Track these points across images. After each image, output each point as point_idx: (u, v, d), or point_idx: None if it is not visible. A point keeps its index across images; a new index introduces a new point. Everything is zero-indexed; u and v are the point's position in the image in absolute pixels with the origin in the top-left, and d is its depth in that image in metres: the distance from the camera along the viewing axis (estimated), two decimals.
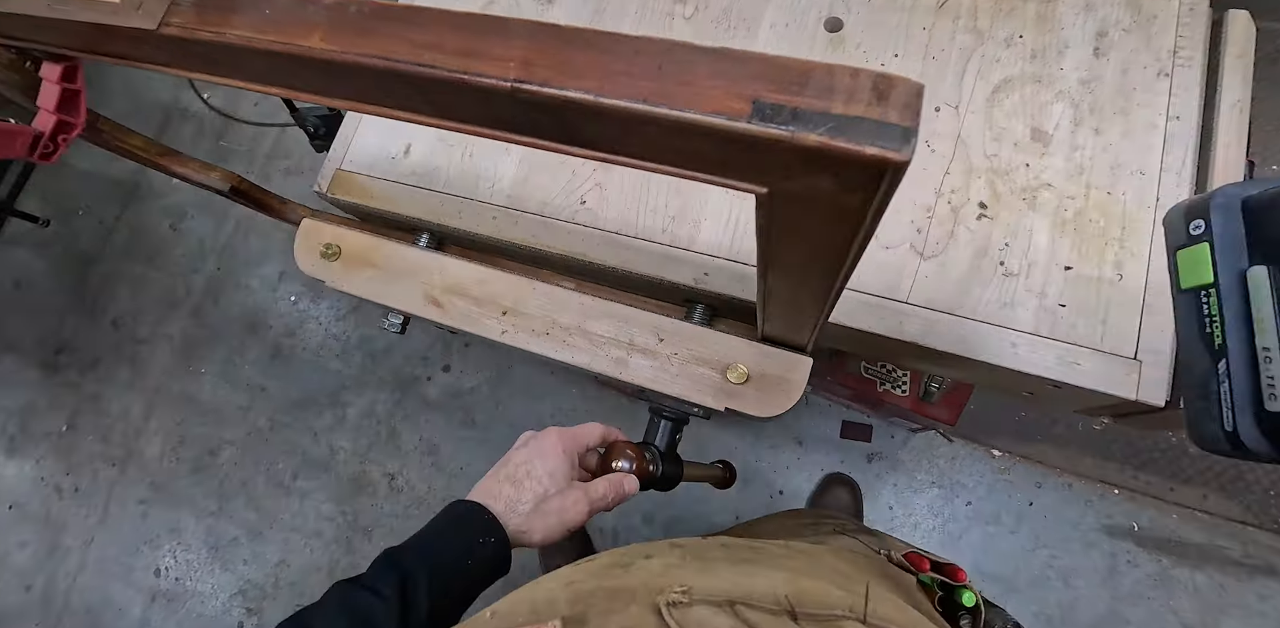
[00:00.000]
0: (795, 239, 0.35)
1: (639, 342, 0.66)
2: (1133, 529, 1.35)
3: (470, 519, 0.51)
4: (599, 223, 0.68)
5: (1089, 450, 1.38)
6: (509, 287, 0.69)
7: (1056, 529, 1.38)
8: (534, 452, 0.57)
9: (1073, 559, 1.36)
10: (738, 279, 0.64)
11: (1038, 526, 1.38)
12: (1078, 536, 1.37)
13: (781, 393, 0.63)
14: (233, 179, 0.81)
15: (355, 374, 1.75)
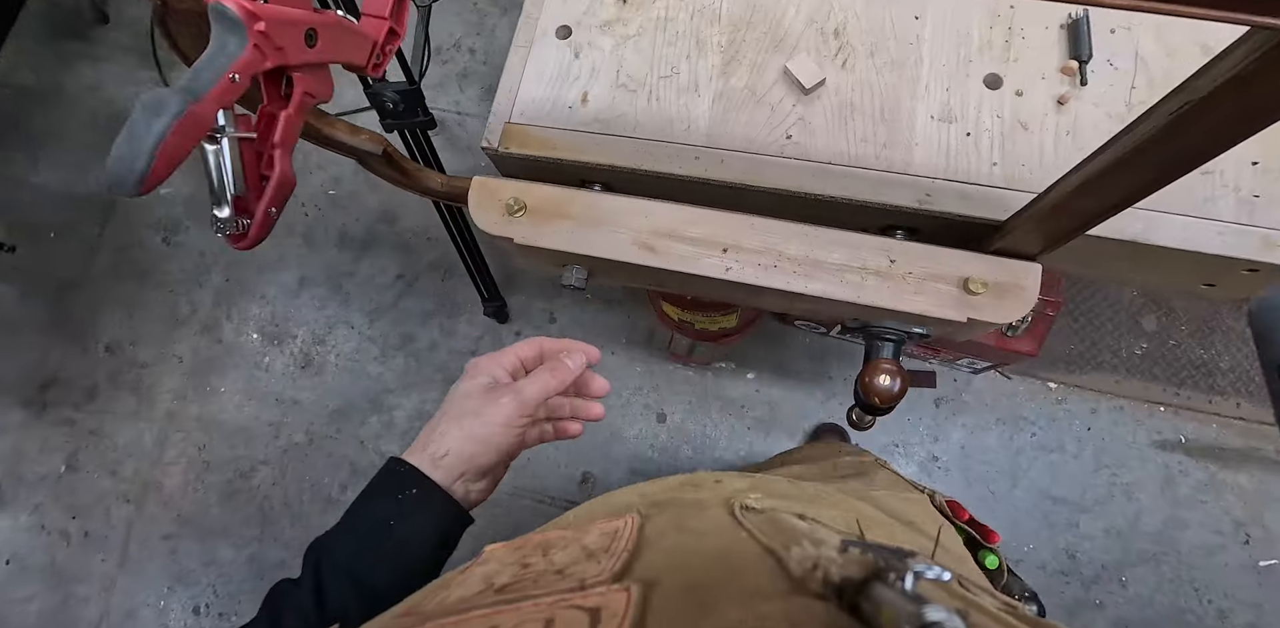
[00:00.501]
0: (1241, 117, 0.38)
1: (871, 265, 0.67)
2: (1181, 442, 1.48)
3: (385, 478, 0.45)
4: (809, 155, 0.69)
5: (1134, 374, 1.49)
6: (724, 225, 0.69)
7: (1114, 449, 1.48)
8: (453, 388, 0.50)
9: (1132, 475, 1.47)
10: (960, 198, 0.67)
11: (1097, 448, 1.49)
12: (1134, 453, 1.48)
13: (1017, 300, 0.66)
14: (381, 142, 0.78)
15: (398, 376, 1.67)
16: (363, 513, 0.44)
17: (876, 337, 0.71)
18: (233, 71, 0.32)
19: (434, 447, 0.45)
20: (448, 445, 0.44)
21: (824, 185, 0.68)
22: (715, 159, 0.70)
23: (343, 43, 0.39)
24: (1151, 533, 1.45)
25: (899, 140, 0.69)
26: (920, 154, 0.68)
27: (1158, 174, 0.47)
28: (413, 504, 0.43)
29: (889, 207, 0.68)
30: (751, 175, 0.69)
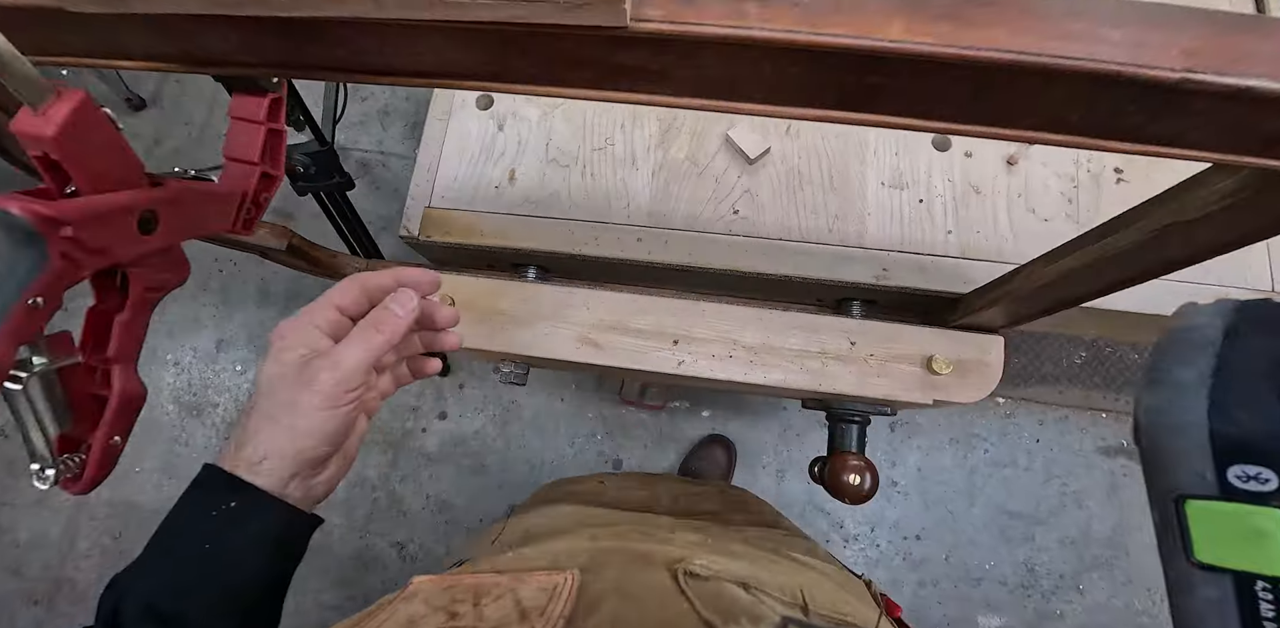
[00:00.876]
0: (1222, 230, 0.35)
1: (831, 348, 0.63)
2: (1123, 446, 1.52)
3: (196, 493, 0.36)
4: (758, 231, 0.65)
5: (1076, 383, 1.53)
6: (673, 313, 0.64)
7: (1062, 459, 1.51)
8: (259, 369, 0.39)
9: (1080, 483, 1.51)
10: (918, 270, 0.64)
11: (1047, 459, 1.51)
12: (1081, 461, 1.51)
13: (981, 377, 0.64)
14: (286, 235, 0.70)
15: None
16: (171, 538, 0.35)
17: (840, 419, 0.67)
18: (32, 295, 0.25)
19: (249, 450, 0.35)
20: (264, 448, 0.35)
21: (777, 264, 0.64)
22: (659, 240, 0.65)
23: (196, 214, 0.31)
24: (1103, 539, 1.49)
25: (851, 211, 0.65)
26: (874, 224, 0.65)
27: (1134, 276, 0.44)
28: (232, 519, 0.34)
29: (845, 283, 0.64)
30: (699, 257, 0.65)
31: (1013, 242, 0.64)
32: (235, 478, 0.34)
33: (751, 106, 0.29)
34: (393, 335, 0.37)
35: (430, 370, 0.46)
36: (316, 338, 0.37)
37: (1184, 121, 0.27)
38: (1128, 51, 0.23)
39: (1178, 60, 0.24)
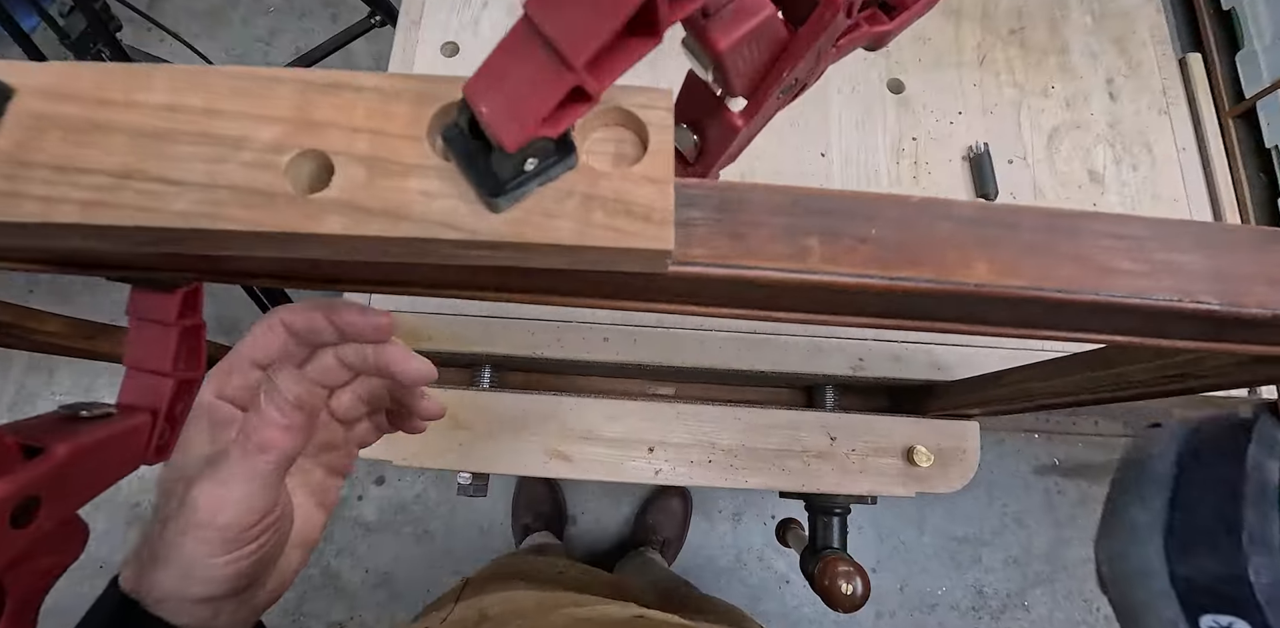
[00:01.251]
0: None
1: (812, 446, 0.61)
2: (1055, 464, 1.59)
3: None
4: (730, 326, 0.62)
5: None
6: (646, 417, 0.60)
7: (1001, 480, 1.57)
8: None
9: (1019, 503, 1.57)
10: (893, 360, 0.62)
11: (988, 482, 1.56)
12: (1018, 481, 1.57)
13: (962, 464, 0.63)
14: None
15: None
16: None
17: (821, 512, 0.65)
18: None
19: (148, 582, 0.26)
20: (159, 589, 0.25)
21: (753, 360, 0.61)
22: (627, 339, 0.61)
23: (93, 471, 0.24)
24: (1042, 555, 1.55)
25: None
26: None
27: (1128, 398, 0.43)
28: None
29: (822, 376, 0.62)
30: (670, 355, 0.61)
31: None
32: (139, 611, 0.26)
33: (788, 315, 0.25)
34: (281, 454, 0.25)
35: (419, 428, 0.34)
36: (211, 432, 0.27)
37: (1241, 333, 0.25)
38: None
39: (1264, 294, 0.22)
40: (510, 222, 0.17)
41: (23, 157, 0.18)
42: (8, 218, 0.17)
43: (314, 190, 0.17)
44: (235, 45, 1.82)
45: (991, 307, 0.23)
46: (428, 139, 0.18)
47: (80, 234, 0.18)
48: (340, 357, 0.28)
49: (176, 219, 0.17)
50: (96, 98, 0.18)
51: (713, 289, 0.23)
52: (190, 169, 0.17)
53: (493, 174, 0.17)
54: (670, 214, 0.18)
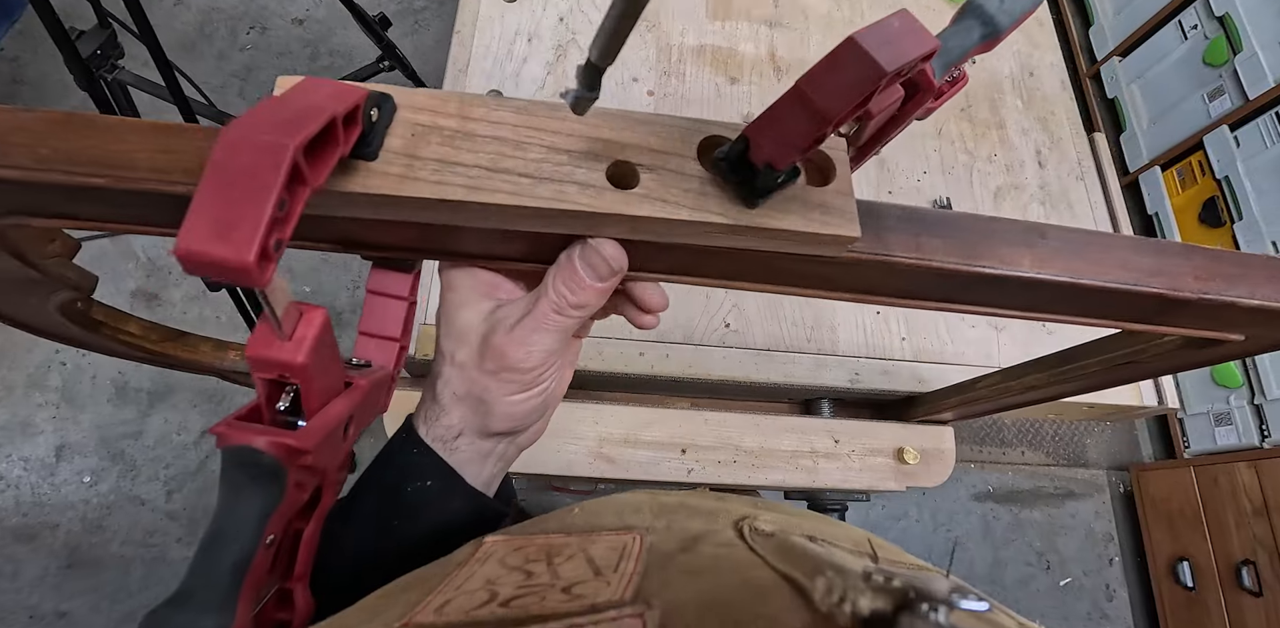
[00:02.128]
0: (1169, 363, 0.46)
1: (819, 447, 0.70)
2: (989, 492, 1.74)
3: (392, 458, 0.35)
4: (749, 343, 0.71)
5: None
6: (680, 423, 0.68)
7: (945, 508, 1.70)
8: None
9: (960, 528, 1.69)
10: (883, 374, 0.73)
11: (933, 509, 1.69)
12: (959, 507, 1.71)
13: (940, 462, 0.73)
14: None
15: None
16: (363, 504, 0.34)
17: (824, 509, 0.74)
18: (269, 535, 0.23)
19: (444, 422, 0.34)
20: (459, 426, 0.34)
21: (768, 373, 0.70)
22: (660, 354, 0.69)
23: (370, 406, 0.31)
24: (983, 576, 1.67)
25: (824, 322, 0.74)
26: (843, 334, 0.74)
27: (1083, 389, 0.55)
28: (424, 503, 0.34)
29: (825, 388, 0.72)
30: (698, 369, 0.69)
31: (951, 345, 0.76)
32: (434, 458, 0.34)
33: (880, 299, 0.35)
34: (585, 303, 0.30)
35: (649, 323, 0.36)
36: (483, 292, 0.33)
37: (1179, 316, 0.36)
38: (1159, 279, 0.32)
39: (1193, 284, 0.33)
40: (760, 214, 0.26)
41: (414, 152, 0.26)
42: (409, 193, 0.25)
43: (627, 187, 0.26)
44: (209, 79, 1.84)
45: (1028, 291, 0.34)
46: (699, 158, 0.27)
47: (451, 209, 0.26)
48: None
49: (539, 200, 0.25)
50: (461, 115, 0.26)
51: (839, 277, 0.33)
52: (540, 168, 0.26)
53: (753, 184, 0.26)
54: (856, 215, 0.27)
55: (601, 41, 0.22)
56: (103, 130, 0.28)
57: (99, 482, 1.38)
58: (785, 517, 0.35)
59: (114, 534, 1.35)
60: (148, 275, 1.56)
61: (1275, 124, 1.52)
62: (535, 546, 0.29)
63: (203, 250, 0.19)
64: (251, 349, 0.24)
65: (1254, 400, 1.58)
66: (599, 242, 0.28)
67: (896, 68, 0.23)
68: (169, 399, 1.45)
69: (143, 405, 1.43)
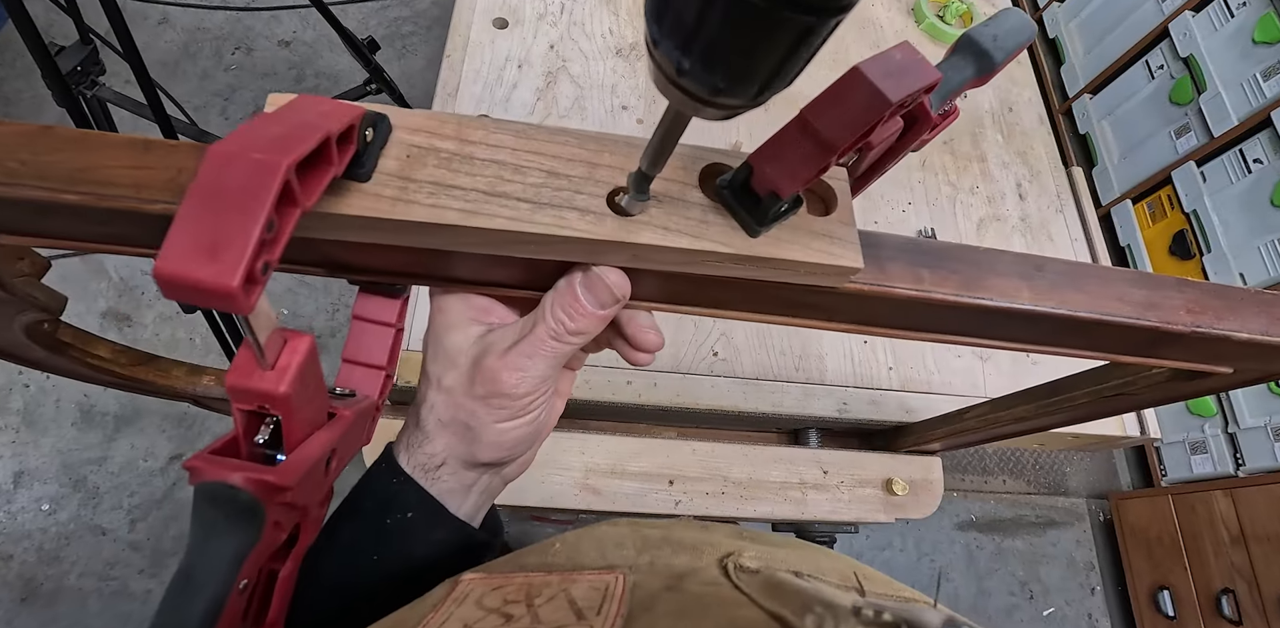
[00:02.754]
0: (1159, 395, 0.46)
1: (809, 479, 0.69)
2: (972, 520, 1.73)
3: (370, 490, 0.34)
4: (736, 372, 0.70)
5: None
6: (667, 453, 0.67)
7: (929, 537, 1.69)
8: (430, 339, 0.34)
9: (944, 558, 1.68)
10: (870, 403, 0.72)
11: (916, 538, 1.68)
12: (942, 537, 1.70)
13: (929, 493, 0.73)
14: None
15: None
16: (341, 535, 0.32)
17: (810, 540, 0.72)
18: (243, 578, 0.22)
19: (426, 450, 0.33)
20: (442, 454, 0.33)
21: (756, 402, 0.69)
22: (648, 382, 0.68)
23: (354, 438, 0.29)
24: (967, 606, 1.65)
25: (811, 351, 0.73)
26: (831, 363, 0.73)
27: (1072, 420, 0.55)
28: (405, 535, 0.32)
29: (813, 418, 0.71)
30: (686, 398, 0.68)
31: (938, 375, 0.76)
32: (413, 487, 0.32)
33: (878, 330, 0.34)
34: (583, 330, 0.29)
35: (641, 360, 0.35)
36: (474, 316, 0.32)
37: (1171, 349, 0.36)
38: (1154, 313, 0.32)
39: (1186, 317, 0.34)
40: (762, 244, 0.26)
41: (409, 174, 0.25)
42: (403, 217, 0.24)
43: (629, 214, 0.25)
44: (191, 98, 1.83)
45: (1026, 323, 0.33)
46: (700, 186, 0.26)
47: (446, 233, 0.25)
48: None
49: (539, 226, 0.24)
50: (459, 137, 0.26)
51: (842, 308, 0.32)
52: (540, 192, 0.25)
53: (757, 212, 0.25)
54: (859, 246, 0.27)
55: (651, 153, 0.23)
56: (77, 144, 0.27)
57: (58, 510, 1.32)
58: (770, 549, 0.35)
59: (72, 566, 1.29)
60: (119, 296, 1.52)
61: (1239, 161, 1.57)
62: (514, 585, 0.28)
63: (184, 272, 0.18)
64: (231, 378, 0.23)
65: (1228, 429, 1.61)
66: (603, 269, 0.27)
67: (901, 98, 0.23)
68: (136, 424, 1.40)
69: (108, 430, 1.38)
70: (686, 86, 0.17)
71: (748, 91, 0.17)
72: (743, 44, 0.15)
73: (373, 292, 0.33)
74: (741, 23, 0.15)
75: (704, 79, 0.17)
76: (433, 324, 0.33)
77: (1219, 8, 1.64)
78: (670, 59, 0.17)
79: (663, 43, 0.17)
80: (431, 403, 0.33)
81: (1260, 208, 1.53)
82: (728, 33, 0.15)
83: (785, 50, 0.16)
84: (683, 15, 0.15)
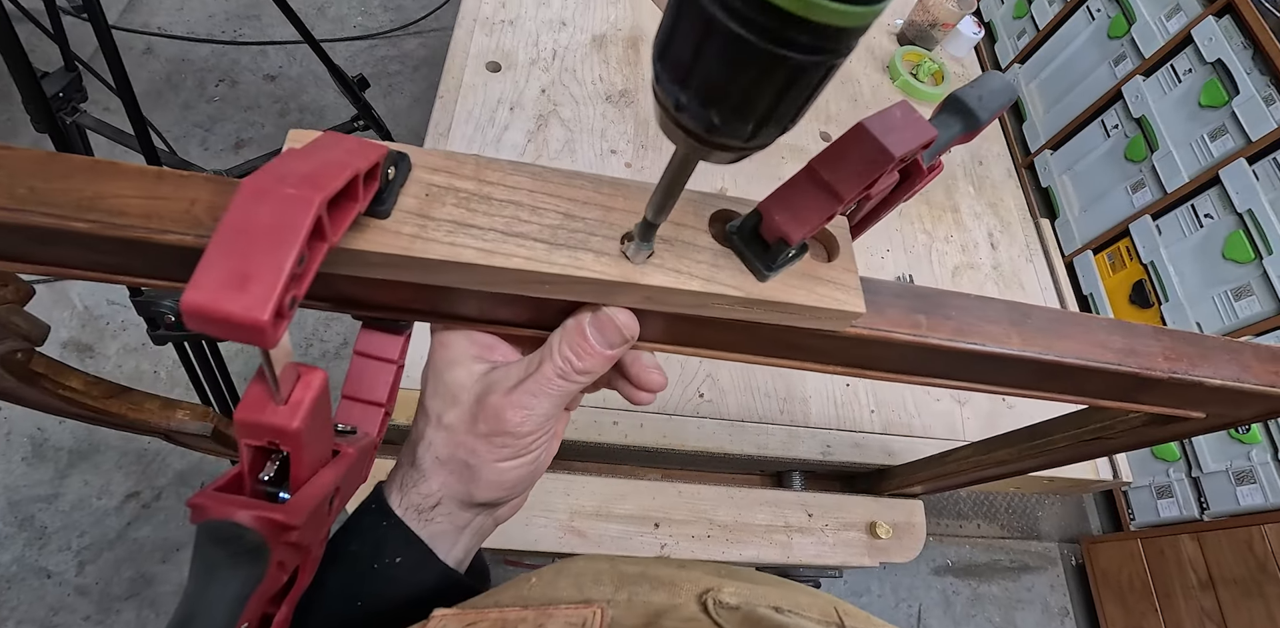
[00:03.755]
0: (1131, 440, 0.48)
1: (794, 522, 0.69)
2: (948, 565, 1.72)
3: (360, 531, 0.33)
4: (722, 413, 0.71)
5: None
6: (652, 495, 0.66)
7: (905, 582, 1.67)
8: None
9: (921, 602, 1.66)
10: (854, 446, 0.73)
11: (894, 583, 1.66)
12: (919, 582, 1.68)
13: (912, 537, 0.73)
14: (207, 417, 0.62)
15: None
16: (325, 579, 0.30)
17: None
18: (244, 621, 0.21)
19: (420, 490, 0.32)
20: (438, 494, 0.32)
21: (741, 444, 0.69)
22: (634, 423, 0.68)
23: (356, 476, 0.29)
24: None
25: (796, 393, 0.74)
26: (815, 406, 0.74)
27: (1051, 463, 0.56)
28: (392, 581, 0.31)
29: (797, 460, 0.71)
30: (672, 439, 0.68)
31: (919, 418, 0.77)
32: (405, 528, 0.32)
33: (872, 373, 0.35)
34: (590, 370, 0.29)
35: (643, 400, 0.34)
36: (479, 352, 0.32)
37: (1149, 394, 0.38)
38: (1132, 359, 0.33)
39: (1163, 364, 0.35)
40: (771, 288, 0.26)
41: (427, 213, 0.25)
42: (421, 254, 0.24)
43: (641, 258, 0.26)
44: (171, 128, 1.82)
45: (1015, 368, 0.34)
46: (710, 230, 0.27)
47: (462, 271, 0.25)
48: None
49: (555, 267, 0.25)
50: (477, 177, 0.26)
51: (837, 350, 0.33)
52: (556, 234, 0.26)
53: (766, 257, 0.26)
54: (861, 291, 0.28)
55: (656, 203, 0.23)
56: (88, 172, 0.27)
57: (1, 551, 1.24)
58: (750, 586, 0.34)
59: (11, 611, 1.20)
60: (83, 325, 1.48)
61: (1192, 215, 1.66)
62: (488, 621, 0.28)
63: (214, 304, 0.18)
64: (243, 413, 0.23)
65: (1191, 473, 1.64)
66: (613, 310, 0.28)
67: (903, 154, 0.25)
68: (92, 459, 1.33)
69: (61, 465, 1.32)
70: (685, 123, 0.18)
71: (742, 130, 0.17)
72: (736, 80, 0.16)
73: (375, 327, 0.33)
74: (735, 59, 0.15)
75: (700, 115, 0.17)
76: (434, 359, 0.33)
77: (1167, 73, 1.75)
78: (669, 95, 0.17)
79: (663, 78, 0.17)
80: (430, 441, 0.32)
81: (1213, 260, 1.60)
82: (721, 68, 0.15)
83: (779, 89, 0.16)
84: (681, 51, 0.16)
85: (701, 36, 0.15)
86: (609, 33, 0.95)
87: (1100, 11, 1.99)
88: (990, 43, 2.42)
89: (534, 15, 0.94)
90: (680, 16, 0.15)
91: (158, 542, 1.31)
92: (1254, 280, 1.52)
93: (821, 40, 0.14)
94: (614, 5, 0.99)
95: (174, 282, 0.30)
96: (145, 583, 1.27)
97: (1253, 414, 0.40)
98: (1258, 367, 0.37)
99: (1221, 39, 1.61)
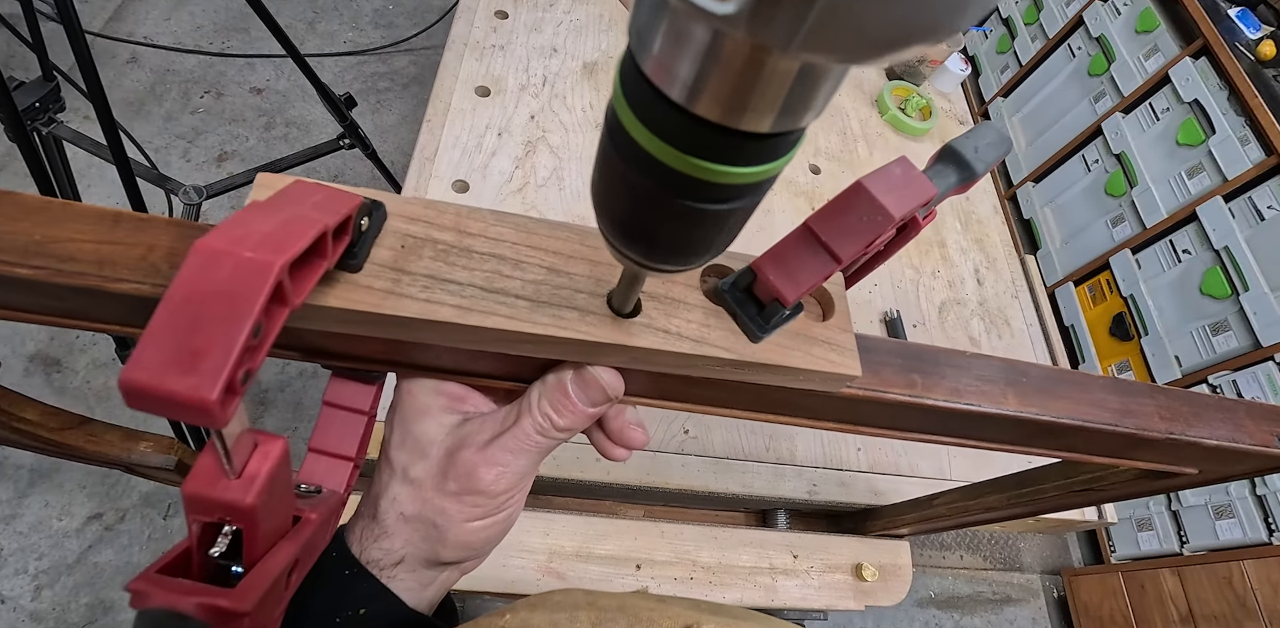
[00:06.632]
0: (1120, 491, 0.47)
1: (778, 563, 0.67)
2: (931, 597, 1.70)
3: (326, 582, 0.30)
4: (708, 451, 0.69)
5: None
6: (634, 536, 0.64)
7: (888, 614, 1.65)
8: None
9: None
10: (840, 485, 0.72)
11: (875, 616, 1.64)
12: (902, 614, 1.66)
13: (898, 579, 0.71)
14: (174, 449, 0.59)
15: None
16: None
17: None
18: None
19: (384, 546, 0.30)
20: (401, 551, 0.30)
21: (726, 483, 0.68)
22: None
23: (318, 541, 0.27)
24: None
25: (782, 431, 0.73)
26: (801, 444, 0.73)
27: (1038, 511, 0.55)
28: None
29: (783, 499, 0.70)
30: (656, 477, 0.66)
31: (905, 458, 0.76)
32: (369, 577, 0.30)
33: (866, 429, 0.34)
34: (571, 427, 0.28)
35: (620, 456, 0.33)
36: (450, 405, 0.30)
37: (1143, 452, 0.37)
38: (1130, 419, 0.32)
39: (1160, 424, 0.34)
40: (764, 350, 0.25)
41: (402, 266, 0.24)
42: (393, 312, 0.23)
43: (629, 316, 0.25)
44: (153, 139, 1.79)
45: (1010, 427, 0.34)
46: (701, 286, 0.26)
47: (438, 330, 0.24)
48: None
49: (537, 327, 0.23)
50: (457, 228, 0.25)
51: (843, 407, 0.32)
52: (539, 290, 0.24)
53: (760, 318, 0.25)
54: (857, 353, 0.27)
55: (619, 297, 0.24)
56: (38, 213, 0.25)
57: None
58: (731, 622, 0.33)
59: None
60: (50, 338, 1.43)
61: (1170, 250, 1.69)
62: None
63: (155, 383, 0.16)
64: (191, 486, 0.21)
65: (1171, 506, 1.65)
66: (597, 368, 0.26)
67: (903, 214, 0.24)
68: (54, 479, 1.28)
69: (21, 485, 1.27)
70: (625, 252, 0.19)
71: (676, 261, 0.19)
72: (663, 226, 0.17)
73: (346, 377, 0.31)
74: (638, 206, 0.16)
75: (634, 248, 0.18)
76: (400, 407, 0.31)
77: (1146, 111, 1.79)
78: (605, 232, 0.19)
79: (600, 219, 0.18)
80: (394, 495, 0.30)
81: (1191, 295, 1.63)
82: (629, 213, 0.17)
83: (706, 231, 0.17)
84: (598, 196, 0.18)
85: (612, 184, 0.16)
86: (600, 60, 0.95)
87: (1081, 49, 2.04)
88: (975, 76, 2.47)
89: (525, 41, 0.93)
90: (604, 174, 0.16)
91: (119, 566, 1.25)
92: (1231, 316, 1.54)
93: (727, 193, 0.15)
94: (606, 33, 0.99)
95: (132, 328, 0.29)
96: (104, 610, 1.22)
97: (1245, 471, 0.40)
98: (1251, 426, 0.36)
99: (1198, 79, 1.66)
